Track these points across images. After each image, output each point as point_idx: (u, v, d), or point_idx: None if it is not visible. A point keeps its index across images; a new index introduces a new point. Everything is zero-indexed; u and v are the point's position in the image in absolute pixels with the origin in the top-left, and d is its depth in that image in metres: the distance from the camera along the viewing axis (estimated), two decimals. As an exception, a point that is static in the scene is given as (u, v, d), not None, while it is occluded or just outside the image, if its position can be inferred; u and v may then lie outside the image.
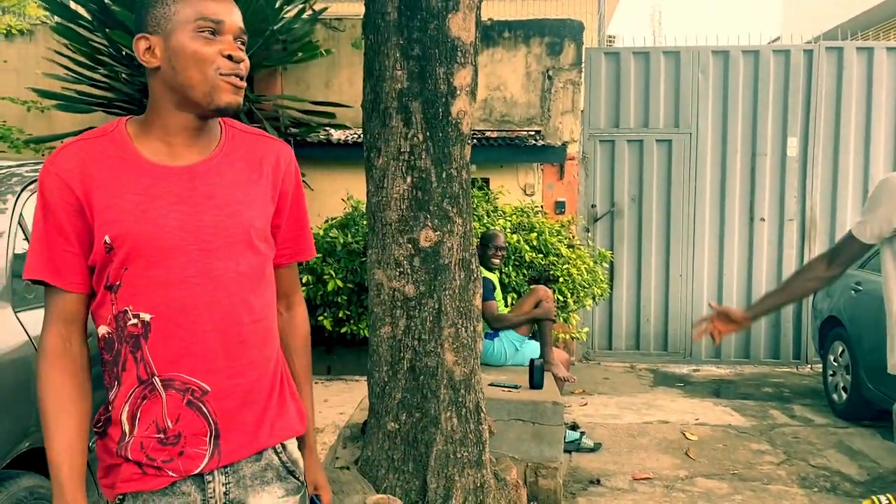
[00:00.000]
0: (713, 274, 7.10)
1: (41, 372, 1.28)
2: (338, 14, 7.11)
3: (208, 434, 1.31)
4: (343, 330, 5.55)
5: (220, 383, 1.31)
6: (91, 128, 5.66)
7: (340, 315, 5.47)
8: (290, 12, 6.33)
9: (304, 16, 6.46)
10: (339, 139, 6.66)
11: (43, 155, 6.24)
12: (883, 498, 3.82)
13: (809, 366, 6.94)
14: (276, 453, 1.40)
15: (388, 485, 3.03)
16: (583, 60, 6.96)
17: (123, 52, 5.93)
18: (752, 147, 7.00)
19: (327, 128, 6.74)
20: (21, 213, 2.53)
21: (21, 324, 2.33)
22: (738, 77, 6.96)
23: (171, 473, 1.30)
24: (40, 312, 2.46)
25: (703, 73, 6.98)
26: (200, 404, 1.30)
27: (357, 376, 5.88)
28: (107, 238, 1.25)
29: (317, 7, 6.51)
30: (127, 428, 1.30)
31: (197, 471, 1.31)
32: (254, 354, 1.34)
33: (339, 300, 5.44)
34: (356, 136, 6.55)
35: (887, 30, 12.57)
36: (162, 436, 1.29)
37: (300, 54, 6.34)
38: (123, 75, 5.98)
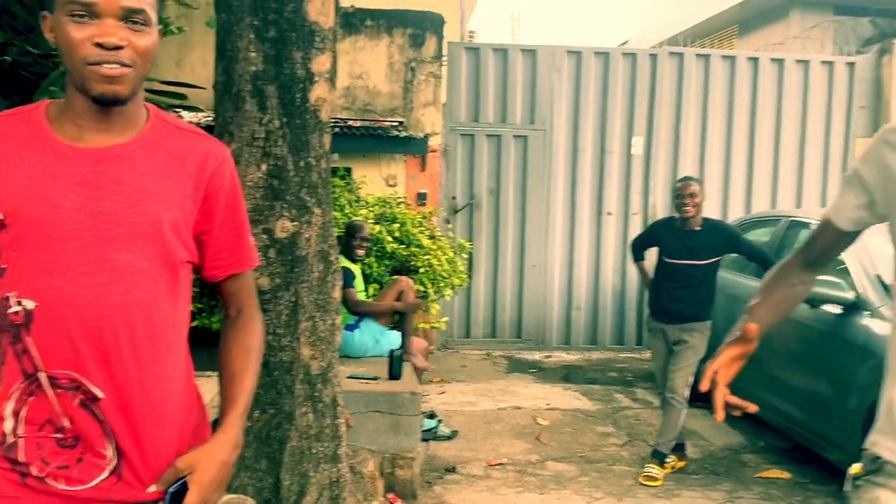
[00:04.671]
0: (564, 264, 7.41)
1: None
2: (190, -10, 6.74)
3: (108, 446, 1.19)
4: (194, 324, 5.30)
5: (114, 390, 1.18)
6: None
7: (192, 308, 5.22)
8: (138, -15, 5.91)
9: (153, -11, 6.07)
10: (191, 122, 6.32)
11: None
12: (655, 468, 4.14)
13: (651, 351, 7.42)
14: None
15: (239, 483, 2.93)
16: (444, 54, 7.02)
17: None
18: (601, 144, 7.36)
19: (178, 109, 6.39)
20: None
21: None
22: (590, 77, 7.29)
23: (58, 486, 1.17)
24: None
25: (557, 72, 7.24)
26: (94, 409, 1.18)
27: (209, 372, 5.54)
28: (0, 215, 1.16)
29: (168, -19, 6.14)
30: (10, 426, 1.17)
31: (92, 483, 1.18)
32: (157, 364, 1.22)
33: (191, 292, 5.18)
34: (210, 118, 6.26)
35: (721, 38, 13.63)
36: (60, 435, 1.18)
37: (148, 30, 5.95)
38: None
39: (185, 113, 6.45)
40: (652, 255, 4.52)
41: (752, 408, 1.41)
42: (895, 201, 1.34)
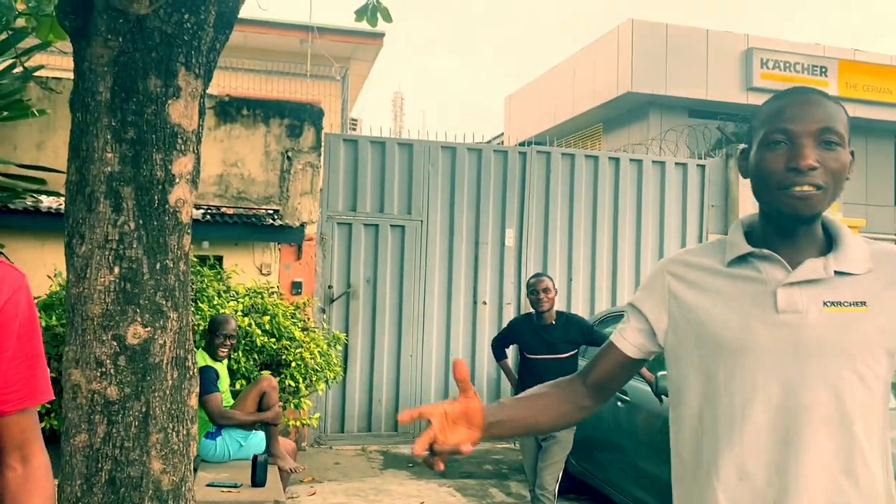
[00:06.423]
0: (441, 354, 7.44)
1: None
2: (56, 73, 6.53)
3: None
4: (42, 425, 4.89)
5: None
6: None
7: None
8: (-3, 67, 5.69)
9: (15, 71, 5.83)
10: (50, 207, 6.02)
11: None
12: None
13: (520, 447, 7.47)
14: None
15: None
16: (322, 145, 7.09)
17: None
18: (475, 236, 7.57)
19: (36, 194, 6.05)
20: None
21: None
22: (464, 171, 7.55)
23: None
24: None
25: (433, 165, 7.46)
26: None
27: (57, 479, 5.16)
28: None
29: (33, 64, 5.91)
30: None
31: None
32: None
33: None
34: (70, 205, 5.96)
35: (586, 136, 14.54)
36: None
37: (5, 113, 5.69)
38: None
39: (44, 198, 6.13)
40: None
41: (466, 450, 1.28)
42: (679, 327, 1.37)
